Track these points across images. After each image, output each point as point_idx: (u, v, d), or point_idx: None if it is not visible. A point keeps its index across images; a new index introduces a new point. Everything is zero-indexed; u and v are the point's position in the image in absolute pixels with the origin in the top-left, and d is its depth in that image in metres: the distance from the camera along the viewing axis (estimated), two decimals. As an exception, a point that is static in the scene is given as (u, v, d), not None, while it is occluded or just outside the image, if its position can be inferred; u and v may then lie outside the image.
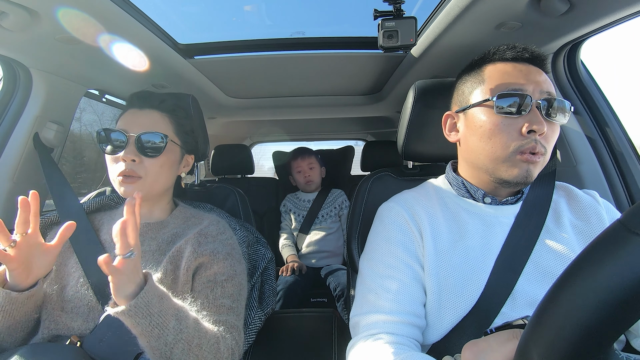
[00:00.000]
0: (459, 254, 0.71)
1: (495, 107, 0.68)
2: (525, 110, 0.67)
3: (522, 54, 0.72)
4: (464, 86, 0.78)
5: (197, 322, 0.70)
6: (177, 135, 0.91)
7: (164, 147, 0.84)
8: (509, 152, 0.68)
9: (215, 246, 0.85)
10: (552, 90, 0.70)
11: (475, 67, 0.77)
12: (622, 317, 0.29)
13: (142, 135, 0.82)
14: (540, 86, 0.69)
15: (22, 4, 0.81)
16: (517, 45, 0.73)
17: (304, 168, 2.17)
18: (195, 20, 1.68)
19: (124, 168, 0.81)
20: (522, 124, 0.67)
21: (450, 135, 0.82)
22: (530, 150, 0.67)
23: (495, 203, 0.76)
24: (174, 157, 0.89)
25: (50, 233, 0.89)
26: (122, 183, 0.81)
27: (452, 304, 0.68)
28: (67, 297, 0.79)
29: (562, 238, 0.71)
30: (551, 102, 0.68)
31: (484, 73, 0.74)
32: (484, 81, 0.73)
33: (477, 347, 0.49)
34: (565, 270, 0.33)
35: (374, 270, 0.74)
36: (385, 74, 1.63)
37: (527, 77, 0.69)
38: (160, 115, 0.88)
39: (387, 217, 0.79)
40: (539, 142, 0.67)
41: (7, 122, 1.13)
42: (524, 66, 0.72)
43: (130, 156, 0.80)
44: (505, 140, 0.68)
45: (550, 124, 0.68)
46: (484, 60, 0.76)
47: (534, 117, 0.67)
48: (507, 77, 0.71)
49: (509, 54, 0.73)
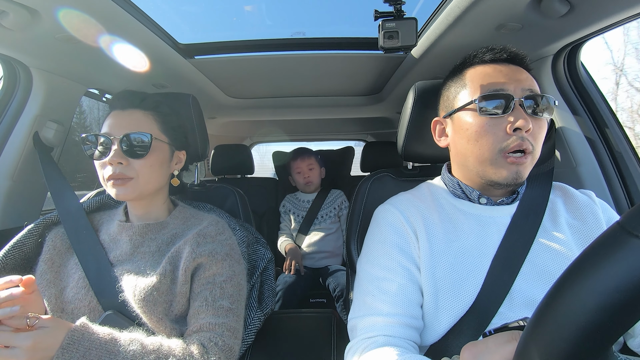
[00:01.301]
0: (455, 254, 0.71)
1: (479, 109, 0.70)
2: (509, 109, 0.68)
3: (500, 54, 0.74)
4: (448, 92, 0.80)
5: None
6: (164, 133, 0.89)
7: (149, 146, 0.82)
8: (495, 153, 0.69)
9: (214, 247, 0.84)
10: (534, 87, 0.71)
11: (457, 72, 0.79)
12: (621, 319, 0.29)
13: (126, 136, 0.81)
14: (522, 84, 0.70)
15: (22, 3, 0.81)
16: (495, 47, 0.75)
17: (303, 169, 2.17)
18: (196, 20, 1.69)
19: (112, 172, 0.80)
20: (507, 123, 0.68)
21: (440, 141, 0.84)
22: (518, 147, 0.67)
23: (490, 203, 0.77)
24: (162, 155, 0.87)
25: (50, 234, 0.89)
26: (113, 186, 0.81)
27: (449, 305, 0.68)
28: (67, 298, 0.79)
29: (558, 238, 0.72)
30: (535, 98, 0.69)
31: (465, 77, 0.76)
32: (466, 85, 0.75)
33: (476, 348, 0.49)
34: (564, 272, 0.33)
35: (370, 273, 0.74)
36: (385, 74, 1.64)
37: (507, 76, 0.71)
38: (143, 113, 0.87)
39: (382, 219, 0.80)
40: (526, 139, 0.68)
41: (7, 121, 1.13)
42: (504, 66, 0.73)
43: (116, 159, 0.80)
44: (492, 141, 0.69)
45: (536, 121, 0.69)
46: (465, 65, 0.78)
47: (518, 115, 0.68)
48: (487, 78, 0.72)
49: (488, 56, 0.74)
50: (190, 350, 0.72)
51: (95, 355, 0.64)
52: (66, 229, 0.88)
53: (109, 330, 0.68)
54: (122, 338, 0.68)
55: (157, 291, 0.77)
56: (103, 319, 0.76)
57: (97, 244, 0.85)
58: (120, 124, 0.83)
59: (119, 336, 0.68)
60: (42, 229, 0.90)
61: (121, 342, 0.67)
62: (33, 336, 0.59)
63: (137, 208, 0.90)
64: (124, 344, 0.67)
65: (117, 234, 0.87)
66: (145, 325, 0.77)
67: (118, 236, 0.87)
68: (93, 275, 0.81)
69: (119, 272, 0.81)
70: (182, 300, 0.80)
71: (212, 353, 0.73)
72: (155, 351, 0.69)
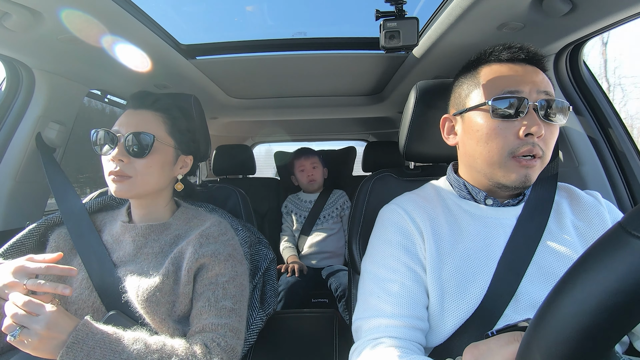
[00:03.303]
0: (461, 256, 0.70)
1: (492, 111, 0.68)
2: (522, 112, 0.66)
3: (518, 54, 0.71)
4: (460, 89, 0.78)
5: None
6: (170, 135, 0.89)
7: (150, 147, 0.83)
8: (505, 156, 0.67)
9: (217, 247, 0.85)
10: (550, 90, 0.69)
11: (471, 68, 0.77)
12: (623, 320, 0.29)
13: (130, 135, 0.82)
14: (538, 86, 0.68)
15: (25, 5, 0.81)
16: (513, 45, 0.72)
17: (307, 167, 2.16)
18: (197, 20, 1.69)
19: (113, 168, 0.82)
20: (519, 127, 0.66)
21: (448, 139, 0.82)
22: (528, 152, 0.66)
23: (496, 205, 0.76)
24: (165, 158, 0.88)
25: (53, 234, 0.89)
26: (113, 182, 0.83)
27: (455, 307, 0.67)
28: (70, 299, 0.80)
29: (564, 239, 0.71)
30: (550, 102, 0.67)
31: (479, 75, 0.73)
32: (480, 83, 0.72)
33: (478, 349, 0.48)
34: (566, 273, 0.33)
35: (375, 274, 0.74)
36: (386, 74, 1.63)
37: (523, 77, 0.69)
38: (153, 114, 0.88)
39: (387, 219, 0.79)
40: (537, 145, 0.66)
41: (10, 122, 1.14)
42: (520, 67, 0.71)
43: (118, 156, 0.81)
44: (502, 145, 0.67)
45: (548, 126, 0.68)
46: (480, 62, 0.75)
47: (531, 119, 0.66)
48: (503, 78, 0.70)
49: (505, 55, 0.72)
50: (193, 350, 0.72)
51: (100, 354, 0.64)
52: (69, 229, 0.89)
53: (112, 329, 0.69)
54: (125, 337, 0.68)
55: (160, 292, 0.78)
56: (106, 319, 0.76)
57: (100, 245, 0.86)
58: (130, 123, 0.84)
59: (123, 335, 0.68)
60: (43, 230, 0.91)
61: (125, 341, 0.67)
62: (50, 317, 0.62)
63: (139, 208, 0.91)
64: (128, 343, 0.67)
65: (120, 235, 0.88)
66: (148, 325, 0.77)
67: (121, 237, 0.87)
68: (96, 276, 0.81)
69: (122, 273, 0.81)
70: (185, 301, 0.80)
71: (215, 353, 0.74)
72: (158, 350, 0.69)
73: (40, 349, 0.62)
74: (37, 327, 0.61)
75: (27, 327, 0.61)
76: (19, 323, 0.61)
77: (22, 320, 0.61)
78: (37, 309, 0.62)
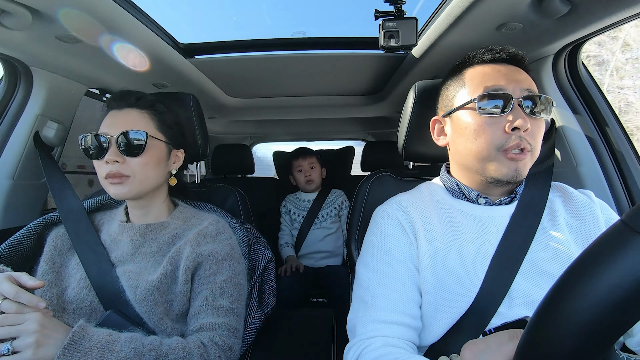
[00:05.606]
0: (454, 254, 0.71)
1: (478, 108, 0.70)
2: (508, 108, 0.69)
3: (499, 55, 0.75)
4: (447, 91, 0.81)
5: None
6: (160, 131, 0.89)
7: (144, 144, 0.83)
8: (494, 151, 0.69)
9: (214, 246, 0.85)
10: (533, 88, 0.72)
11: (456, 71, 0.80)
12: (624, 317, 0.29)
13: (122, 135, 0.81)
14: (521, 84, 0.71)
15: (23, 3, 0.81)
16: (495, 47, 0.75)
17: (304, 167, 2.17)
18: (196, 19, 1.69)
19: (109, 170, 0.81)
20: (505, 122, 0.69)
21: (439, 140, 0.84)
22: (516, 147, 0.68)
23: (489, 204, 0.77)
24: (159, 154, 0.87)
25: (51, 234, 0.89)
26: (111, 184, 0.82)
27: (449, 305, 0.68)
28: (68, 299, 0.79)
29: (558, 237, 0.72)
30: (533, 99, 0.70)
31: (464, 77, 0.77)
32: (465, 84, 0.75)
33: (477, 347, 0.48)
34: (567, 270, 0.33)
35: (369, 273, 0.75)
36: (385, 74, 1.63)
37: (506, 76, 0.72)
38: (139, 112, 0.87)
39: (381, 220, 0.80)
40: (524, 139, 0.68)
41: (8, 121, 1.14)
42: (503, 67, 0.74)
43: (112, 158, 0.80)
44: (490, 140, 0.70)
45: (534, 120, 0.70)
46: (464, 65, 0.79)
47: (516, 114, 0.68)
48: (487, 77, 0.73)
49: (487, 56, 0.75)
50: (190, 349, 0.72)
51: (97, 355, 0.64)
52: (67, 229, 0.89)
53: (108, 331, 0.69)
54: (121, 337, 0.68)
55: (157, 291, 0.78)
56: (104, 319, 0.76)
57: (98, 244, 0.86)
58: (117, 123, 0.83)
59: (119, 335, 0.68)
60: (41, 229, 0.90)
61: (121, 342, 0.67)
62: (40, 320, 0.63)
63: (137, 207, 0.90)
64: (124, 343, 0.67)
65: (118, 235, 0.87)
66: (146, 324, 0.77)
67: (119, 236, 0.87)
68: (94, 275, 0.81)
69: (120, 273, 0.81)
70: (183, 300, 0.80)
71: (212, 352, 0.74)
72: (154, 350, 0.69)
73: (44, 344, 0.62)
74: (29, 327, 0.61)
75: (17, 336, 0.61)
76: (6, 337, 0.61)
77: (9, 333, 0.61)
78: (17, 318, 0.62)
